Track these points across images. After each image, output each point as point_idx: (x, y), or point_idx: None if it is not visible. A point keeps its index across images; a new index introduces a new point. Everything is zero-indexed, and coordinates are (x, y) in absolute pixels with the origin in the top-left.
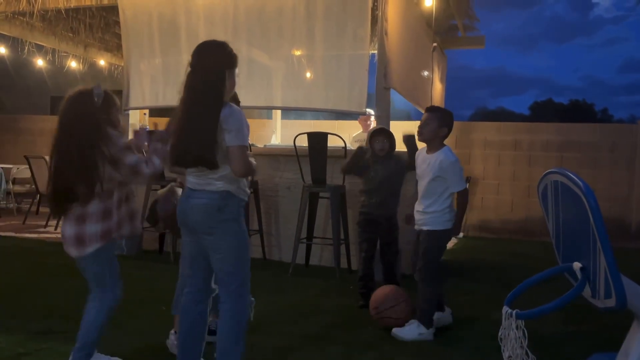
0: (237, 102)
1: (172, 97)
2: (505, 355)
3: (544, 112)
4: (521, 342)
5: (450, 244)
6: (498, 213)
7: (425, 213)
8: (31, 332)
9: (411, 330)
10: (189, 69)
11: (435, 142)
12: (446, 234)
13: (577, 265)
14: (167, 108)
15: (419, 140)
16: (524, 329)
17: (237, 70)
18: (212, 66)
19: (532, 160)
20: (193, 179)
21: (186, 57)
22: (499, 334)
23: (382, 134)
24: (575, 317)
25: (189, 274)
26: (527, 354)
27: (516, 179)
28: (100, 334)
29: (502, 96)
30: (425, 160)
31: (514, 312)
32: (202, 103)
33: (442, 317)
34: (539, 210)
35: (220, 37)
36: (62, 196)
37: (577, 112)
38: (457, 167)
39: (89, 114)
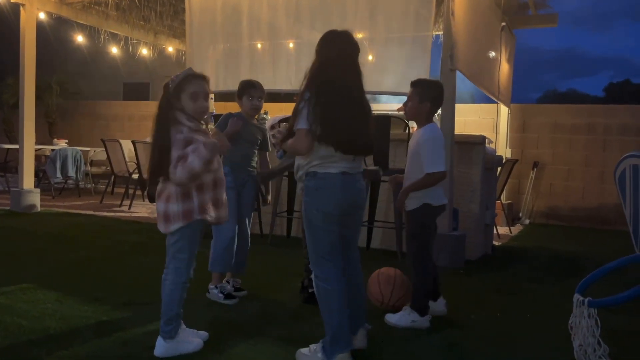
0: None
1: (232, 82)
2: (576, 344)
3: (620, 94)
4: (593, 331)
5: (515, 230)
6: (568, 200)
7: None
8: (115, 303)
9: (403, 317)
10: (352, 59)
11: (420, 118)
12: (420, 211)
13: None
14: (229, 93)
15: (407, 119)
16: (597, 318)
17: None
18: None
19: (607, 144)
20: (348, 163)
21: (247, 43)
22: (570, 322)
23: None
24: None
25: (338, 260)
26: (599, 343)
27: (589, 165)
28: (179, 307)
29: (573, 77)
30: (412, 138)
31: (586, 300)
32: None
33: (434, 306)
34: (613, 198)
35: (282, 22)
36: (150, 175)
37: None
38: (433, 144)
39: (161, 100)
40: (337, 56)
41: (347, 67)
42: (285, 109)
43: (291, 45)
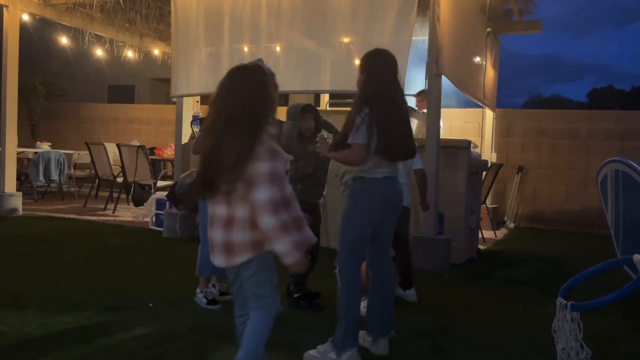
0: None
1: (215, 84)
2: (559, 347)
3: (603, 99)
4: (576, 335)
5: (500, 234)
6: (552, 204)
7: None
8: (97, 308)
9: None
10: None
11: None
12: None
13: (637, 257)
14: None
15: None
16: (580, 322)
17: None
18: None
19: (590, 149)
20: (390, 168)
21: (228, 46)
22: (553, 325)
23: (309, 112)
24: (635, 311)
25: (358, 258)
26: (581, 346)
27: (572, 169)
28: (263, 348)
29: (557, 83)
30: None
31: (569, 303)
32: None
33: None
34: (596, 201)
35: (264, 23)
36: (210, 183)
37: None
38: None
39: (266, 93)
40: (386, 73)
41: (393, 82)
42: None
43: (278, 49)
